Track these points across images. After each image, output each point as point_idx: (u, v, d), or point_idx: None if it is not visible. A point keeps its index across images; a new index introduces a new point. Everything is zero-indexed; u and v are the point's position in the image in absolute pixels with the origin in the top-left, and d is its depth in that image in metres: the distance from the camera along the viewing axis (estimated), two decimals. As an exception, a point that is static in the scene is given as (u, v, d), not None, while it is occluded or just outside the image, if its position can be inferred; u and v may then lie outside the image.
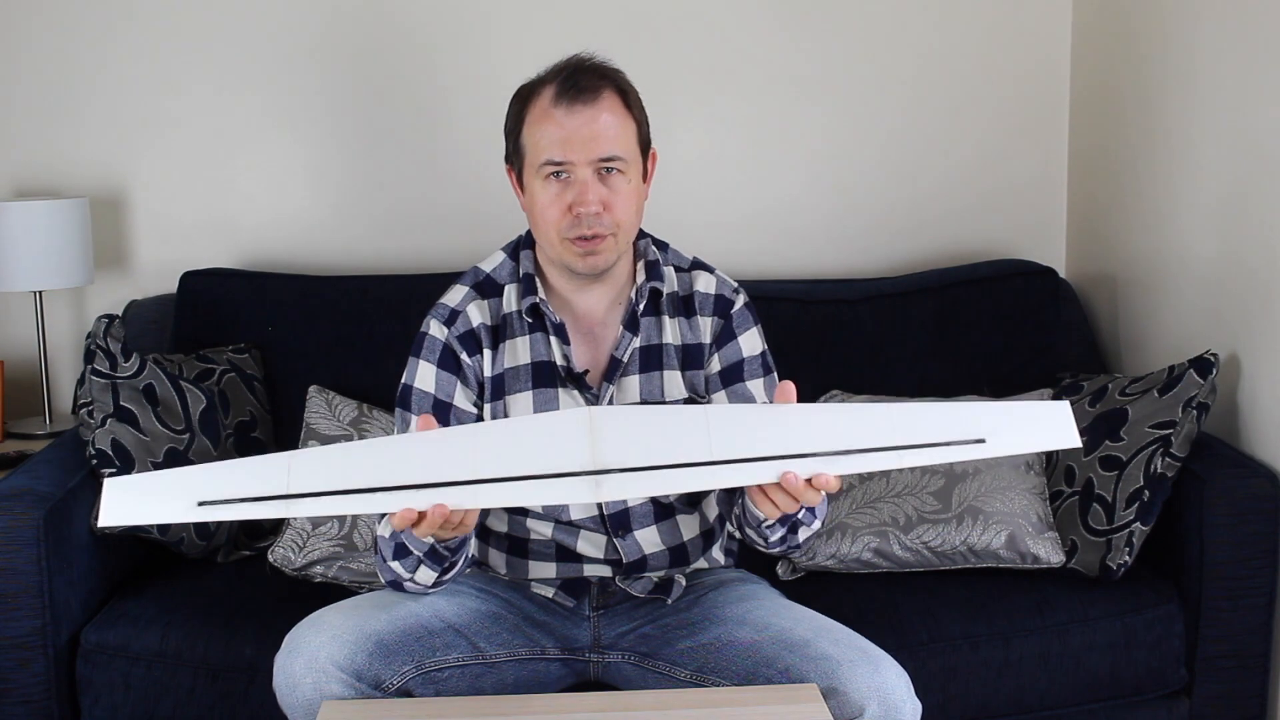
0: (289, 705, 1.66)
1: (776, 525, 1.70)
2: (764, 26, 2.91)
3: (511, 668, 1.80)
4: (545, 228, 1.79)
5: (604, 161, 1.75)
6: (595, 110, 1.75)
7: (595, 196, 1.75)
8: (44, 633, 2.11)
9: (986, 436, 1.43)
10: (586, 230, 1.75)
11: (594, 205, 1.74)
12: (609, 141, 1.75)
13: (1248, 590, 2.18)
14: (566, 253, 1.79)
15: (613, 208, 1.76)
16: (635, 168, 1.79)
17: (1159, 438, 2.23)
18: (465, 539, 1.70)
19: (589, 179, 1.75)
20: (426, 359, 1.84)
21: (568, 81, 1.75)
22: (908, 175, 2.97)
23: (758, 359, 1.89)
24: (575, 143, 1.74)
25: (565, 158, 1.74)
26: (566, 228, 1.76)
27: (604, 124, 1.75)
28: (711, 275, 1.92)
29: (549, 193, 1.77)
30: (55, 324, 2.88)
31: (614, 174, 1.76)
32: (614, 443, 1.44)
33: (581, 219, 1.75)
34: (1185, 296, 2.53)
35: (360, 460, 1.44)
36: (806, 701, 1.59)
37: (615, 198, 1.76)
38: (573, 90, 1.74)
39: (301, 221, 2.92)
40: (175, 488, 1.40)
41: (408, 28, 2.88)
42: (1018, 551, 2.27)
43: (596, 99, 1.75)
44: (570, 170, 1.75)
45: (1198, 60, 2.46)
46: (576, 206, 1.75)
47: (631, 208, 1.78)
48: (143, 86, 2.85)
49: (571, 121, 1.74)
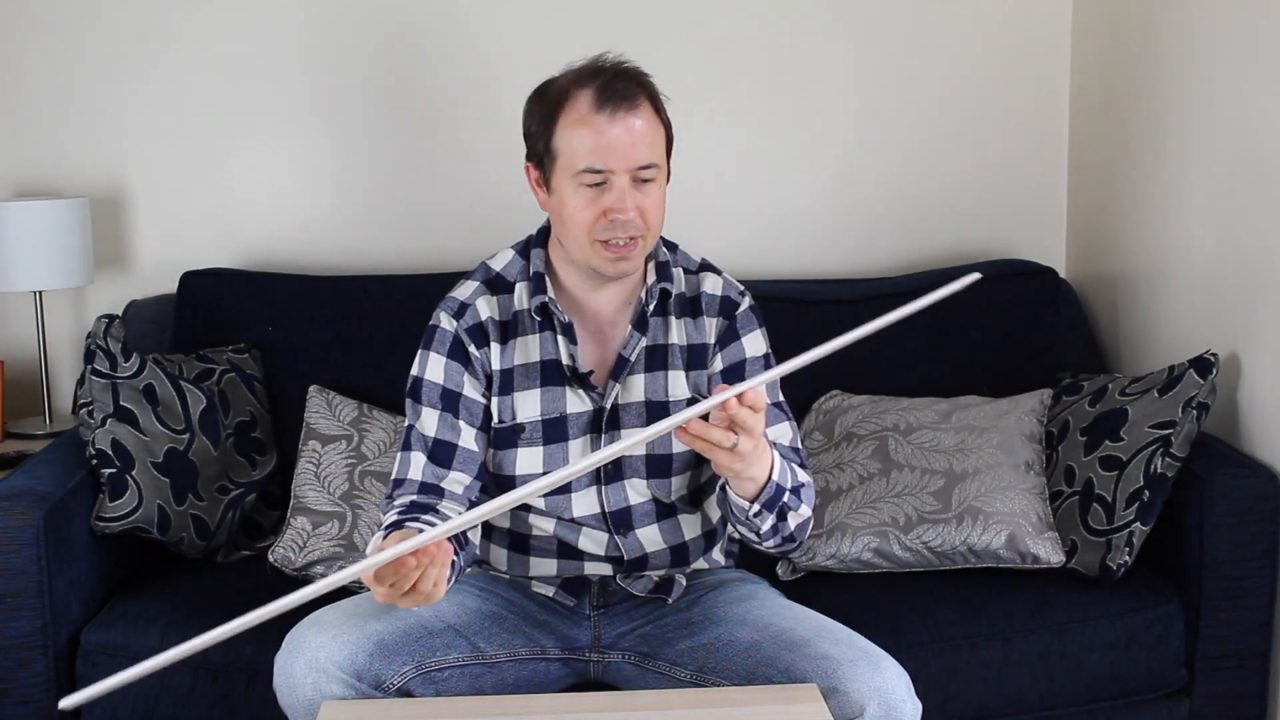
0: (289, 705, 1.66)
1: (763, 511, 1.71)
2: (764, 28, 2.91)
3: (511, 668, 1.80)
4: (575, 230, 1.79)
5: (642, 169, 1.76)
6: (634, 118, 1.75)
7: (632, 204, 1.75)
8: (44, 633, 2.11)
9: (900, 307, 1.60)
10: (621, 235, 1.76)
11: (631, 212, 1.75)
12: (646, 149, 1.76)
13: (1248, 590, 2.18)
14: (596, 256, 1.79)
15: (646, 212, 1.77)
16: (664, 172, 1.81)
17: (1159, 438, 2.23)
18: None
19: (626, 186, 1.75)
20: (436, 350, 1.85)
21: (608, 89, 1.75)
22: (908, 176, 2.97)
23: (760, 360, 1.89)
24: (616, 151, 1.74)
25: (606, 165, 1.74)
26: (600, 230, 1.77)
27: (641, 132, 1.75)
28: (719, 277, 1.93)
29: (583, 198, 1.77)
30: (55, 324, 2.88)
31: (649, 181, 1.77)
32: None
33: (616, 224, 1.76)
34: (1185, 296, 2.53)
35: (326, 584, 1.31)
36: (806, 701, 1.59)
37: (648, 202, 1.77)
38: (615, 98, 1.74)
39: (301, 221, 2.92)
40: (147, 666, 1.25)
41: (408, 28, 2.88)
42: (1018, 551, 2.27)
43: (635, 107, 1.76)
44: (609, 178, 1.75)
45: (1197, 61, 2.46)
46: (613, 213, 1.75)
47: (661, 211, 1.80)
48: (143, 86, 2.85)
49: (613, 130, 1.74)
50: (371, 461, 2.44)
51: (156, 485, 2.31)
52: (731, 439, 1.55)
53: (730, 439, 1.55)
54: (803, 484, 1.77)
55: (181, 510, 2.32)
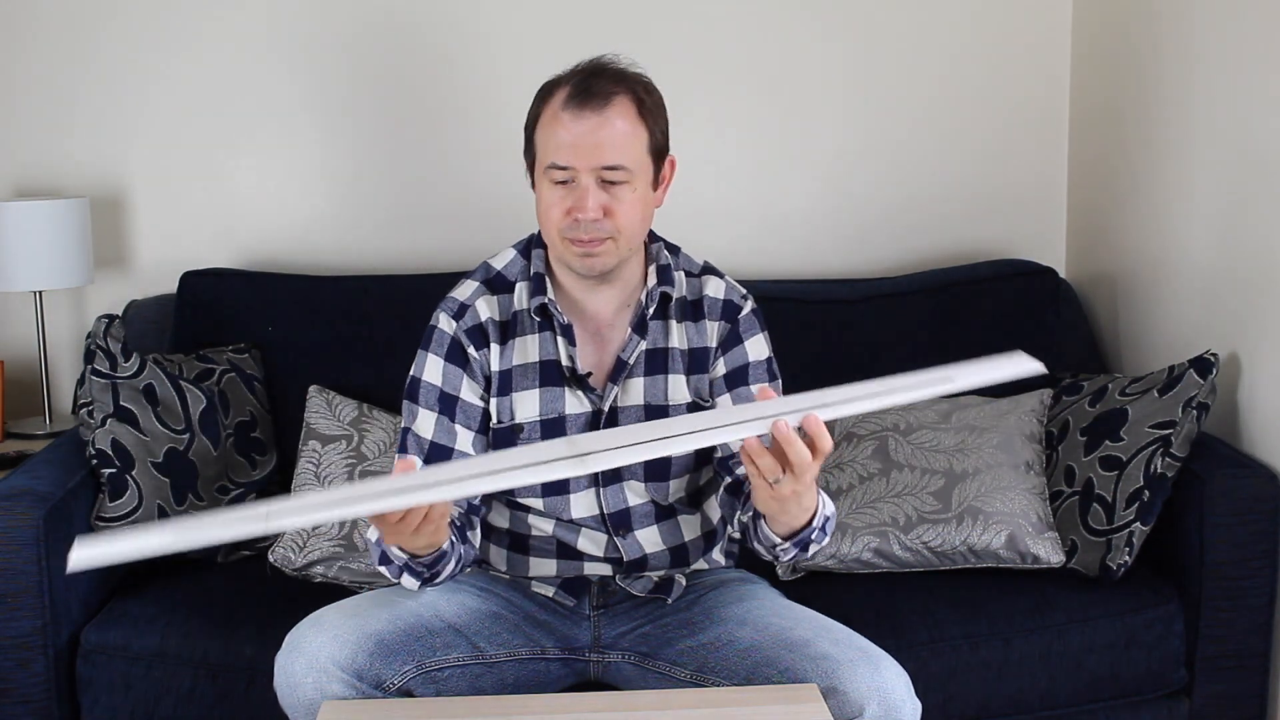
0: (289, 705, 1.66)
1: (790, 546, 1.70)
2: (766, 30, 2.91)
3: (511, 667, 1.80)
4: (547, 226, 1.80)
5: (607, 170, 1.74)
6: (603, 117, 1.74)
7: (595, 203, 1.74)
8: (44, 633, 2.11)
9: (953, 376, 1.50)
10: (584, 235, 1.76)
11: (592, 212, 1.74)
12: (613, 150, 1.74)
13: (1248, 590, 2.18)
14: (566, 252, 1.79)
15: (614, 214, 1.76)
16: (642, 176, 1.78)
17: (1159, 438, 2.23)
18: (442, 554, 1.69)
19: (590, 186, 1.74)
20: (434, 352, 1.85)
21: (579, 85, 1.75)
22: (908, 176, 2.97)
23: (763, 364, 1.89)
24: (579, 149, 1.73)
25: (568, 163, 1.74)
26: (566, 228, 1.77)
27: (611, 132, 1.74)
28: (721, 281, 1.92)
29: (553, 194, 1.77)
30: (55, 324, 2.88)
31: (619, 184, 1.75)
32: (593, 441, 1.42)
33: (580, 224, 1.75)
34: (1185, 296, 2.53)
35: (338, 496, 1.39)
36: (806, 701, 1.59)
37: (617, 205, 1.76)
38: (583, 95, 1.74)
39: (301, 221, 2.92)
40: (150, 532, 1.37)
41: (409, 28, 2.88)
42: (1018, 551, 2.27)
43: (606, 105, 1.74)
44: (573, 176, 1.75)
45: (1197, 62, 2.46)
46: (575, 212, 1.75)
47: (635, 215, 1.78)
48: (143, 87, 2.85)
49: (578, 127, 1.73)
50: (371, 461, 2.44)
51: (156, 485, 2.31)
52: (776, 474, 1.50)
53: (775, 473, 1.50)
54: (829, 516, 1.71)
55: (181, 510, 2.32)
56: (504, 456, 1.41)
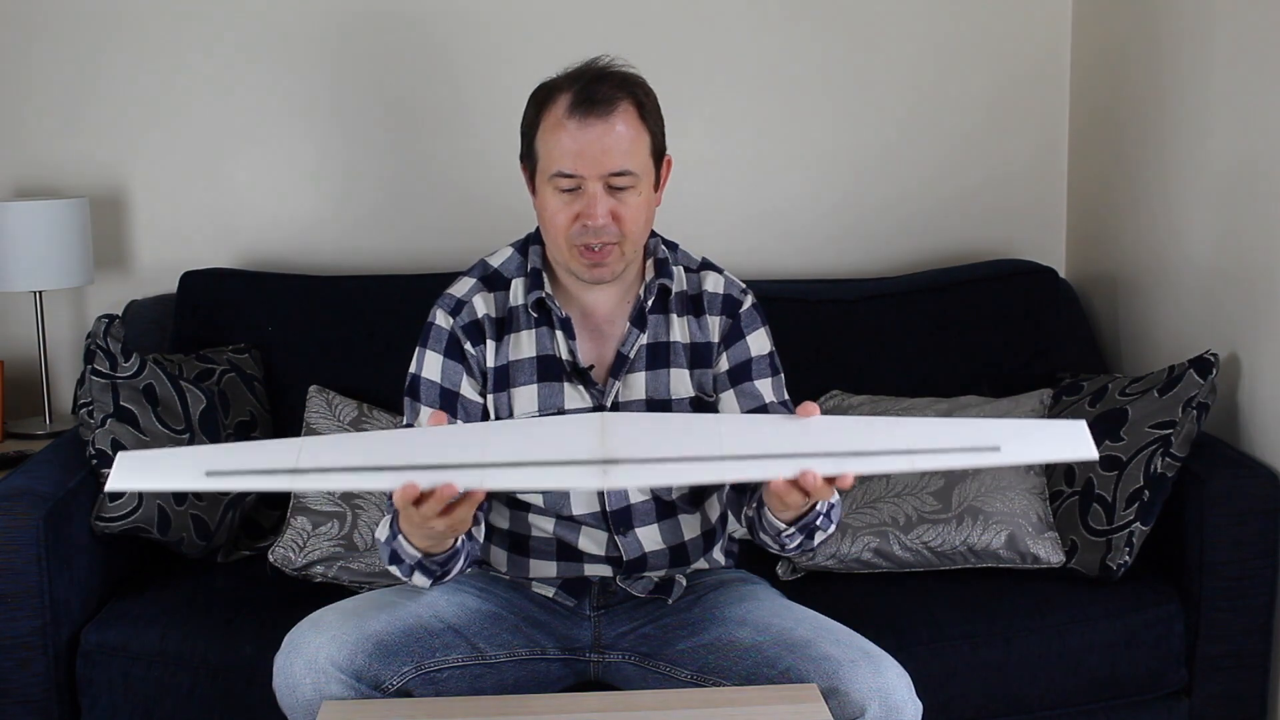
0: (289, 705, 1.66)
1: (795, 533, 1.70)
2: (765, 28, 2.91)
3: (511, 668, 1.80)
4: (554, 233, 1.79)
5: (614, 176, 1.75)
6: (609, 124, 1.74)
7: (604, 210, 1.75)
8: (44, 633, 2.11)
9: (1001, 445, 1.40)
10: (594, 240, 1.76)
11: (602, 218, 1.75)
12: (621, 156, 1.74)
13: (1248, 590, 2.18)
14: (573, 260, 1.79)
15: (622, 219, 1.76)
16: (646, 179, 1.79)
17: (1159, 438, 2.23)
18: (455, 553, 1.69)
19: (598, 192, 1.75)
20: (433, 349, 1.85)
21: (583, 92, 1.74)
22: (908, 175, 2.97)
23: (766, 358, 1.89)
24: (587, 157, 1.73)
25: (576, 171, 1.74)
26: (575, 235, 1.77)
27: (616, 138, 1.74)
28: (720, 275, 1.93)
29: (559, 201, 1.77)
30: (55, 324, 2.88)
31: (625, 189, 1.76)
32: (624, 439, 1.43)
33: (589, 229, 1.75)
34: (1185, 296, 2.53)
35: (371, 446, 1.45)
36: (807, 702, 1.59)
37: (624, 209, 1.76)
38: (587, 102, 1.73)
39: (301, 221, 2.92)
40: (185, 460, 1.42)
41: (409, 28, 2.88)
42: (1018, 551, 2.27)
43: (611, 112, 1.74)
44: (580, 183, 1.75)
45: (1197, 62, 2.46)
46: (584, 218, 1.75)
47: (640, 219, 1.79)
48: (143, 87, 2.85)
49: (584, 135, 1.73)
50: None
51: (156, 485, 2.31)
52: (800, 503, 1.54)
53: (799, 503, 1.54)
54: (833, 504, 1.72)
55: (181, 510, 2.32)
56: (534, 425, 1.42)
